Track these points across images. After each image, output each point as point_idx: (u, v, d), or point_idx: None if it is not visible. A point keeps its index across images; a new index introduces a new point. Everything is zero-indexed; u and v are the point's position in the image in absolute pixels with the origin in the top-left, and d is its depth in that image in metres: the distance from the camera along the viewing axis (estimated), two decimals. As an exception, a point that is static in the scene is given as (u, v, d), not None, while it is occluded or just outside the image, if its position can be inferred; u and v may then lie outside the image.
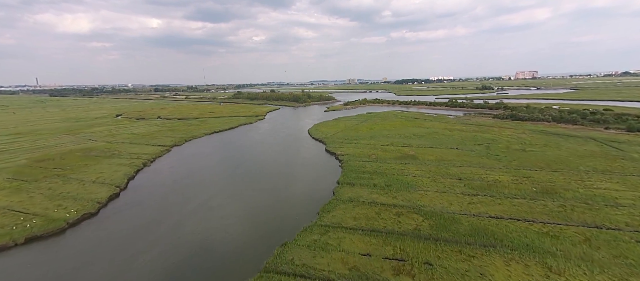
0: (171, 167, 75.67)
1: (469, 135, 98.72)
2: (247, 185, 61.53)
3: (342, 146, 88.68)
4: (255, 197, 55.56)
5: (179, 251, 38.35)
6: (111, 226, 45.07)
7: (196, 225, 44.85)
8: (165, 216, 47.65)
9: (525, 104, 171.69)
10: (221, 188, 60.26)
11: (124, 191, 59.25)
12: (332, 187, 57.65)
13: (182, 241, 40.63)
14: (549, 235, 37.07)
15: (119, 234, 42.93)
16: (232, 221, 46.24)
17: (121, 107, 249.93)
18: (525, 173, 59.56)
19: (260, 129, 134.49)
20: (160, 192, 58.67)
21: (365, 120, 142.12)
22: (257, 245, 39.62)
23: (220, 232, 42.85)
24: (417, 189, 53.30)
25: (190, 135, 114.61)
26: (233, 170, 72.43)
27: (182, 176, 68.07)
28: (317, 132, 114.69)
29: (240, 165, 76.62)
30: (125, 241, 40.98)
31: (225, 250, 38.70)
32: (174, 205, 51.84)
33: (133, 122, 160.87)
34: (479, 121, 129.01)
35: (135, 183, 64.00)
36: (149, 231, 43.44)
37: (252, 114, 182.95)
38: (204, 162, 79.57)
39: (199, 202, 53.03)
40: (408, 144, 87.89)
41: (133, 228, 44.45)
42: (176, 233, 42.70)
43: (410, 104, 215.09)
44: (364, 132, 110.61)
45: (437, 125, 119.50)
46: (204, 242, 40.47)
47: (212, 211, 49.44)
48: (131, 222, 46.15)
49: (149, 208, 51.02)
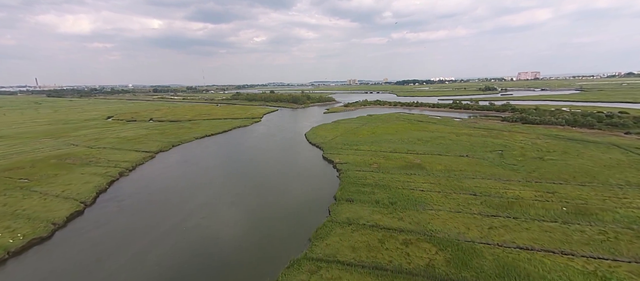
0: (150, 177, 68.23)
1: (478, 140, 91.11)
2: (232, 201, 54.07)
3: (341, 152, 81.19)
4: (239, 218, 48.12)
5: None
6: (58, 259, 37.42)
7: (162, 256, 37.37)
8: (129, 244, 40.13)
9: (533, 106, 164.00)
10: (201, 204, 52.76)
11: (89, 207, 51.82)
12: (328, 202, 50.22)
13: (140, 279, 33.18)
14: (598, 276, 29.53)
15: (63, 270, 35.37)
16: (206, 251, 38.73)
17: (115, 108, 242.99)
18: (549, 188, 51.98)
19: (254, 132, 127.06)
20: (130, 209, 51.22)
21: (366, 122, 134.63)
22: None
23: (191, 268, 35.35)
24: (427, 207, 45.80)
25: (180, 140, 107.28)
26: (217, 181, 64.98)
27: (160, 189, 60.68)
28: (315, 136, 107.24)
29: (226, 175, 69.15)
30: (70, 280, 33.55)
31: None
32: (143, 228, 44.34)
33: (123, 124, 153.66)
34: (487, 124, 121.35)
35: (105, 197, 56.56)
36: (102, 266, 35.80)
37: (248, 116, 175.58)
38: (186, 172, 72.13)
39: (173, 223, 45.60)
40: (413, 151, 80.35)
41: (83, 261, 36.80)
42: (136, 268, 35.18)
43: (413, 106, 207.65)
44: (364, 136, 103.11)
45: (442, 129, 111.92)
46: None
47: (185, 236, 41.94)
48: (84, 253, 38.52)
49: (111, 232, 43.51)
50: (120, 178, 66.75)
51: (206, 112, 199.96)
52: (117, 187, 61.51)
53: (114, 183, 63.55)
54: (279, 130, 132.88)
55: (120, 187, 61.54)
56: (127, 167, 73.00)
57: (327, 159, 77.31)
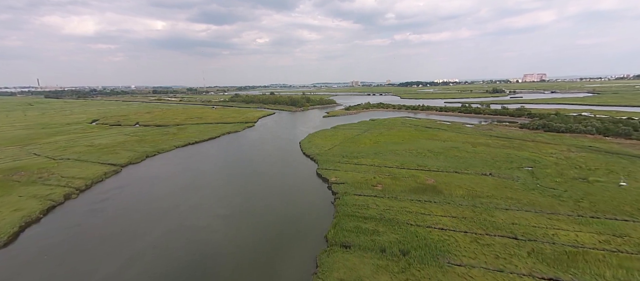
0: (99, 200, 55.45)
1: (499, 152, 77.91)
2: (187, 244, 41.32)
3: (338, 168, 68.40)
4: (190, 277, 35.46)
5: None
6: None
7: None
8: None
9: (551, 110, 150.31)
10: (147, 246, 40.10)
11: (0, 250, 39.36)
12: (316, 248, 37.46)
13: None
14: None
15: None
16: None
17: (105, 111, 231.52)
18: (615, 227, 38.82)
19: (244, 140, 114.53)
20: (58, 251, 38.74)
21: (368, 129, 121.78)
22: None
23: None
24: (452, 259, 32.91)
25: (157, 149, 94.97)
26: (177, 211, 51.93)
27: (110, 216, 48.30)
28: (310, 145, 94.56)
29: (192, 203, 55.56)
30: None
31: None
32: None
33: (105, 129, 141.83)
34: (505, 132, 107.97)
35: (31, 232, 44.06)
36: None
37: (242, 120, 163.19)
38: (147, 192, 59.62)
39: (103, 276, 33.02)
40: (424, 166, 67.38)
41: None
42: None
43: (418, 109, 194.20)
44: (366, 145, 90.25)
45: (455, 138, 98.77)
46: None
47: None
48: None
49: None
50: (65, 202, 54.28)
51: (198, 116, 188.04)
52: (53, 217, 48.90)
53: (55, 210, 51.10)
54: (273, 137, 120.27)
55: (57, 217, 48.85)
56: (79, 186, 60.59)
57: (322, 176, 64.51)
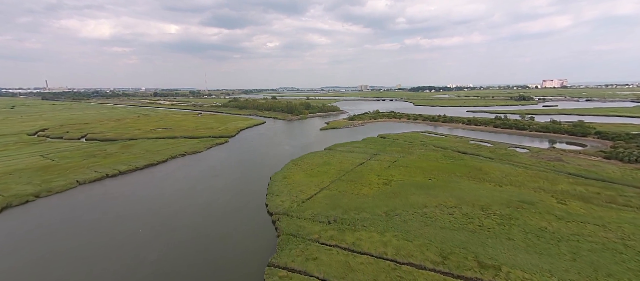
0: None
1: (624, 226, 41.04)
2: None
3: (315, 255, 32.96)
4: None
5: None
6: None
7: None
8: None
9: (617, 125, 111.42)
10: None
11: None
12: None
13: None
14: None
15: None
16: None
17: (67, 118, 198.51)
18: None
19: (191, 171, 78.59)
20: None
21: (375, 152, 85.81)
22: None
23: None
24: None
25: (48, 188, 61.36)
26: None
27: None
28: (283, 185, 59.47)
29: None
30: None
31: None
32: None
33: (31, 145, 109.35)
34: (588, 166, 70.40)
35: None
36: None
37: (218, 133, 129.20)
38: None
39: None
40: (493, 259, 31.28)
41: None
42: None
43: (439, 121, 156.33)
44: (371, 191, 54.47)
45: (513, 176, 61.91)
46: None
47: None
48: None
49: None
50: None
51: (172, 125, 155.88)
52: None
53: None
54: (243, 162, 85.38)
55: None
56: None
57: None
